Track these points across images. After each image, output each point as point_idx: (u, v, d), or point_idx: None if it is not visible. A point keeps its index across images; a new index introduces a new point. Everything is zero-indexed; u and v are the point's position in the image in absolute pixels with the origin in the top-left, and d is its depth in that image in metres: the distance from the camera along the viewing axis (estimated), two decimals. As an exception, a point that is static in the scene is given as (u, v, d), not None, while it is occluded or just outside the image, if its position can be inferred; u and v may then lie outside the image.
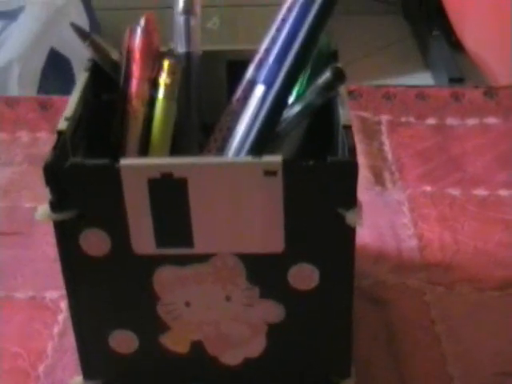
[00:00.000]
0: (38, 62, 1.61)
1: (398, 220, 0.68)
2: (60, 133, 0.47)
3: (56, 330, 0.59)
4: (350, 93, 0.83)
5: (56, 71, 1.61)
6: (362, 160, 0.74)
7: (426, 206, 0.69)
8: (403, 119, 0.80)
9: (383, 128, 0.79)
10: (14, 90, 1.53)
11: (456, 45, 1.96)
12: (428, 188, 0.71)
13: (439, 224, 0.67)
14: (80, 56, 1.68)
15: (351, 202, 0.44)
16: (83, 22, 1.74)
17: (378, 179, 0.72)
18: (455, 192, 0.71)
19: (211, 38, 0.72)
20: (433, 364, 0.55)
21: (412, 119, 0.80)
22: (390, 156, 0.75)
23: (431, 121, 0.80)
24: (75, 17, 1.70)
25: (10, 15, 1.70)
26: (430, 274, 0.62)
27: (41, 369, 0.56)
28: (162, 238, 0.46)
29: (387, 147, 0.77)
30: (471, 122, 0.80)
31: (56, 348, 0.57)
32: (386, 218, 0.68)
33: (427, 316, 0.59)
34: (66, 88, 1.62)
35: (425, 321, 0.58)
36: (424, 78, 2.02)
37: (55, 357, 0.56)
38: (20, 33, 1.64)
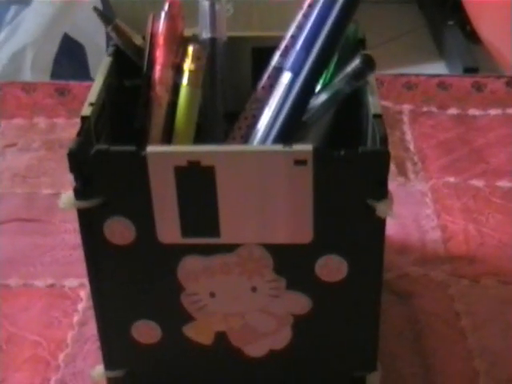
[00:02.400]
0: (52, 47, 1.60)
1: (421, 211, 0.67)
2: (84, 118, 0.46)
3: (76, 319, 0.58)
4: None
5: (69, 57, 1.60)
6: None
7: (449, 197, 0.68)
8: (425, 109, 0.79)
9: (405, 118, 0.78)
10: (26, 75, 1.52)
11: (471, 34, 1.95)
12: (451, 179, 0.70)
13: (463, 216, 0.66)
14: (93, 42, 1.67)
15: (382, 192, 0.43)
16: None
17: (401, 170, 0.71)
18: (479, 183, 0.69)
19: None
20: (458, 359, 0.54)
21: (434, 109, 0.79)
22: (412, 146, 0.74)
23: (453, 111, 0.79)
24: (88, 3, 1.69)
25: (24, 1, 1.69)
26: (454, 267, 0.61)
27: (61, 358, 0.55)
28: (187, 227, 0.45)
29: (409, 137, 0.76)
30: (493, 112, 0.79)
31: (76, 337, 0.56)
32: (409, 209, 0.67)
33: (451, 309, 0.58)
34: (79, 73, 1.61)
35: (449, 314, 0.57)
36: (438, 68, 2.00)
37: (75, 346, 0.56)
38: (33, 18, 1.63)
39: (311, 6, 0.51)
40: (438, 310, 0.58)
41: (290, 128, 0.49)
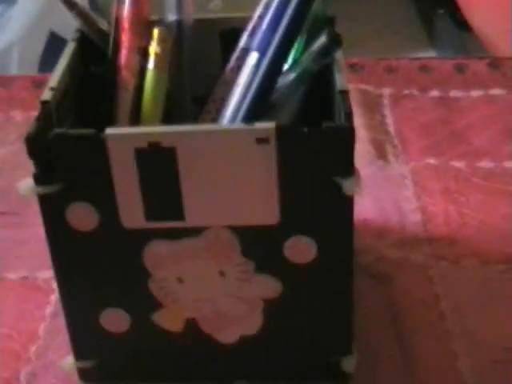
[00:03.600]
0: (38, 44, 1.60)
1: (400, 194, 0.66)
2: (44, 103, 0.45)
3: (48, 310, 0.57)
4: (352, 66, 0.81)
5: (56, 54, 1.59)
6: (363, 134, 0.71)
7: (429, 178, 0.67)
8: (406, 92, 0.78)
9: (385, 101, 0.77)
10: (13, 73, 1.52)
11: (461, 23, 1.93)
12: (432, 161, 0.69)
13: (443, 197, 0.65)
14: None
15: (348, 170, 0.42)
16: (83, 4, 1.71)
17: (380, 153, 0.70)
18: (460, 164, 0.68)
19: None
20: (437, 341, 0.53)
21: (415, 92, 0.78)
22: (392, 129, 0.73)
23: (435, 93, 0.78)
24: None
25: (10, -1, 1.68)
26: (434, 248, 0.60)
27: (32, 350, 0.54)
28: (151, 211, 0.44)
29: (389, 120, 0.74)
30: (476, 93, 0.78)
31: (48, 329, 0.55)
32: (389, 191, 0.66)
33: (431, 291, 0.57)
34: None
35: (429, 296, 0.56)
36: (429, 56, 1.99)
37: (47, 338, 0.55)
38: (20, 16, 1.63)
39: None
40: (417, 292, 0.57)
41: (258, 108, 0.48)
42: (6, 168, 0.72)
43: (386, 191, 0.66)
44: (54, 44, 1.62)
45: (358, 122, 0.72)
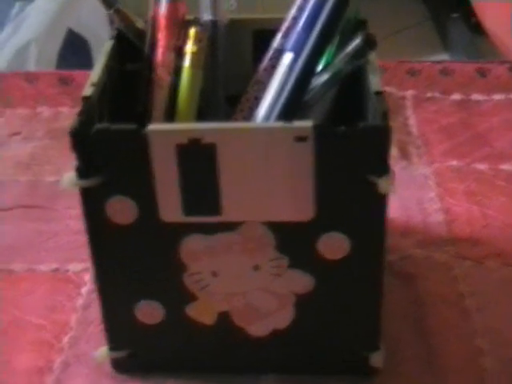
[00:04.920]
0: (56, 42, 1.61)
1: (424, 194, 0.67)
2: (86, 98, 0.46)
3: (80, 302, 0.58)
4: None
5: (73, 52, 1.61)
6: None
7: (452, 180, 0.68)
8: (428, 94, 0.79)
9: (408, 103, 0.78)
10: (31, 70, 1.53)
11: (475, 27, 1.94)
12: (454, 163, 0.70)
13: (466, 198, 0.66)
14: (97, 36, 1.67)
15: (383, 168, 0.43)
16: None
17: (404, 154, 0.71)
18: (482, 167, 0.69)
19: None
20: (462, 339, 0.54)
21: (437, 94, 0.79)
22: (415, 131, 0.74)
23: (456, 96, 0.79)
24: (93, -2, 1.69)
25: (28, -4, 1.69)
26: (457, 249, 0.61)
27: (65, 340, 0.55)
28: (189, 206, 0.45)
29: (412, 122, 0.75)
30: (497, 97, 0.79)
31: (80, 320, 0.57)
32: (412, 192, 0.67)
33: (455, 290, 0.58)
34: (83, 68, 1.61)
35: (453, 295, 0.57)
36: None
37: (79, 329, 0.56)
38: (37, 14, 1.64)
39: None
40: (442, 291, 0.58)
41: (292, 108, 0.49)
42: (34, 163, 0.73)
43: (409, 191, 0.67)
44: (72, 42, 1.64)
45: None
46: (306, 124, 0.42)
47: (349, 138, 0.43)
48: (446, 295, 0.58)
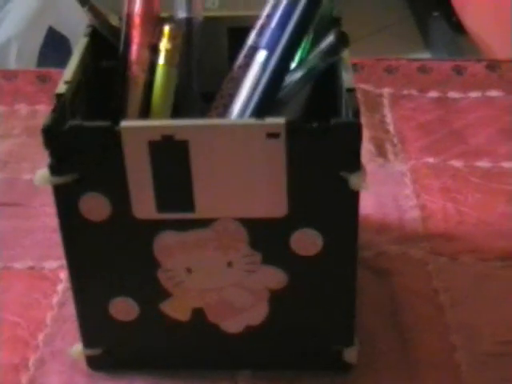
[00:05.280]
0: (36, 40, 1.60)
1: (400, 191, 0.67)
2: (59, 96, 0.46)
3: (55, 299, 0.58)
4: (352, 66, 0.82)
5: (54, 49, 1.60)
6: (364, 132, 0.72)
7: (428, 177, 0.68)
8: (405, 92, 0.80)
9: (385, 101, 0.78)
10: (12, 68, 1.52)
11: (456, 25, 1.95)
12: (430, 160, 0.70)
13: (442, 195, 0.66)
14: (78, 34, 1.67)
15: (355, 164, 0.43)
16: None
17: (380, 151, 0.71)
18: (458, 164, 0.70)
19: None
20: (436, 334, 0.55)
21: (414, 92, 0.80)
22: (392, 128, 0.75)
23: (433, 94, 0.79)
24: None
25: (8, -6, 1.68)
26: (432, 245, 0.62)
27: (40, 338, 0.55)
28: (162, 202, 0.45)
29: (389, 119, 0.76)
30: (474, 94, 0.79)
31: (55, 317, 0.57)
32: (388, 189, 0.67)
33: (430, 286, 0.58)
34: (64, 66, 1.61)
35: (428, 291, 0.58)
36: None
37: (54, 326, 0.56)
38: (18, 11, 1.63)
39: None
40: (417, 286, 0.58)
41: (266, 105, 0.49)
42: (12, 160, 0.73)
43: (385, 188, 0.67)
44: (53, 39, 1.63)
45: (359, 118, 0.73)
46: (278, 120, 0.43)
47: (321, 135, 0.43)
48: (420, 291, 0.58)
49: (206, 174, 0.44)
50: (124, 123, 0.43)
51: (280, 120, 0.43)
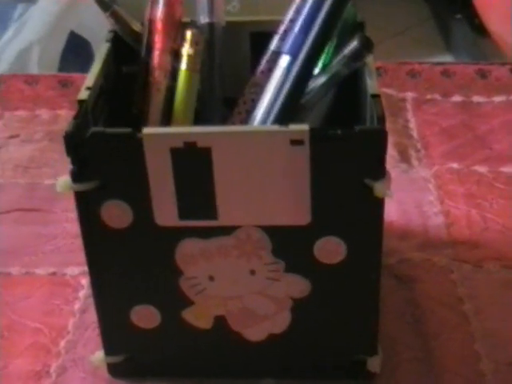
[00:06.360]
0: (58, 44, 1.61)
1: (424, 197, 0.66)
2: (81, 102, 0.46)
3: (77, 306, 0.58)
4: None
5: (76, 53, 1.60)
6: (386, 137, 0.72)
7: (452, 183, 0.68)
8: (428, 96, 0.79)
9: (408, 105, 0.78)
10: (33, 72, 1.53)
11: (478, 28, 1.93)
12: (454, 165, 0.70)
13: (466, 201, 0.66)
14: (99, 38, 1.67)
15: (380, 172, 0.43)
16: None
17: (404, 157, 0.71)
18: (482, 169, 0.69)
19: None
20: (460, 343, 0.54)
21: (437, 96, 0.79)
22: (415, 133, 0.74)
23: (457, 98, 0.79)
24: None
25: (31, -2, 1.69)
26: (456, 252, 0.61)
27: (62, 344, 0.55)
28: (185, 210, 0.45)
29: (412, 124, 0.75)
30: (498, 99, 0.78)
31: (77, 324, 0.56)
32: (412, 195, 0.67)
33: (454, 294, 0.58)
34: (85, 70, 1.61)
35: (452, 299, 0.57)
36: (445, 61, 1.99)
37: (76, 333, 0.56)
38: (40, 15, 1.64)
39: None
40: (440, 294, 0.57)
41: (289, 111, 0.49)
42: (33, 166, 0.73)
43: (409, 194, 0.67)
44: (74, 44, 1.63)
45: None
46: (301, 127, 0.42)
47: (345, 142, 0.42)
48: (444, 298, 0.57)
49: (228, 181, 0.44)
50: (146, 130, 0.43)
51: (304, 127, 0.42)
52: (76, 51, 1.63)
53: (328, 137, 0.42)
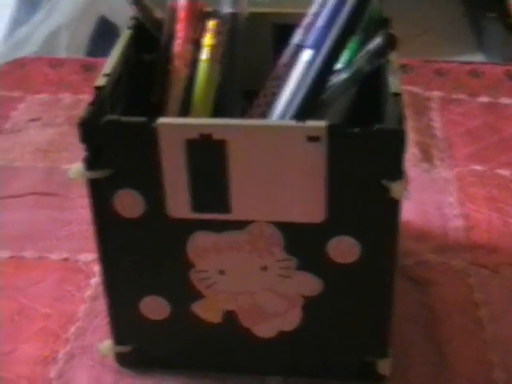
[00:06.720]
0: (87, 28, 1.60)
1: (444, 198, 0.65)
2: (98, 88, 0.45)
3: (88, 293, 0.58)
4: (401, 67, 0.80)
5: (104, 38, 1.60)
6: (410, 136, 0.71)
7: (474, 185, 0.67)
8: (454, 96, 0.78)
9: (433, 104, 0.77)
10: (62, 55, 1.53)
11: (511, 27, 1.91)
12: (477, 167, 0.68)
13: (487, 205, 0.64)
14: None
15: (397, 173, 0.42)
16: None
17: (426, 156, 0.70)
18: (505, 173, 0.68)
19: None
20: (473, 349, 0.53)
21: (464, 96, 0.78)
22: (439, 133, 0.73)
23: (484, 99, 0.77)
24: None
25: (61, -19, 1.69)
26: (475, 256, 0.60)
27: (71, 331, 0.55)
28: (198, 202, 0.44)
29: (437, 124, 0.74)
30: (525, 101, 0.77)
31: (87, 311, 0.56)
32: (432, 195, 0.66)
33: (470, 299, 0.57)
34: (112, 55, 1.61)
35: (467, 303, 0.56)
36: (477, 60, 1.97)
37: (86, 320, 0.55)
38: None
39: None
40: (456, 298, 0.57)
41: (309, 106, 0.48)
42: (52, 149, 0.73)
43: (429, 195, 0.66)
44: (103, 28, 1.63)
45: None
46: (319, 124, 0.41)
47: (362, 140, 0.41)
48: (459, 303, 0.56)
49: (243, 175, 0.43)
50: (161, 120, 0.42)
51: (321, 123, 0.41)
52: (105, 36, 1.62)
53: (345, 134, 0.41)
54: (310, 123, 0.42)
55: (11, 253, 0.61)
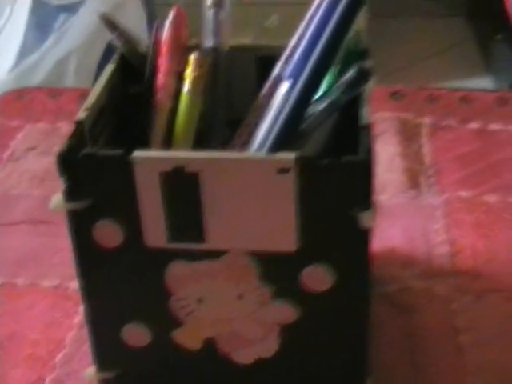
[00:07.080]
0: (96, 54, 1.63)
1: (430, 225, 0.66)
2: (78, 123, 0.47)
3: (76, 320, 0.59)
4: (393, 94, 0.82)
5: (112, 64, 1.63)
6: (398, 162, 0.72)
7: (460, 211, 0.67)
8: (445, 122, 0.78)
9: (424, 131, 0.77)
10: (70, 81, 1.55)
11: (520, 50, 1.91)
12: (464, 193, 0.69)
13: (473, 231, 0.65)
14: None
15: (366, 203, 0.43)
16: (141, 17, 1.74)
17: (414, 183, 0.71)
18: (492, 199, 0.68)
19: (268, 37, 0.69)
20: (453, 375, 0.54)
21: (454, 123, 0.78)
22: (427, 159, 0.74)
23: (474, 125, 0.78)
24: (133, 12, 1.71)
25: (72, 8, 1.72)
26: (459, 282, 0.60)
27: (58, 358, 0.56)
28: (173, 233, 0.45)
29: (426, 150, 0.75)
30: (515, 127, 0.78)
31: (75, 338, 0.57)
32: (419, 222, 0.66)
33: (452, 325, 0.57)
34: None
35: (448, 330, 0.57)
36: (484, 83, 1.98)
37: (73, 347, 0.57)
38: (79, 26, 1.66)
39: (312, 18, 0.51)
40: (439, 324, 0.57)
41: (286, 136, 0.49)
42: (49, 178, 0.74)
43: (416, 222, 0.66)
44: (111, 54, 1.66)
45: (394, 150, 0.72)
46: (288, 156, 0.43)
47: (331, 171, 0.43)
48: (442, 329, 0.57)
49: (216, 206, 0.44)
50: (136, 153, 0.43)
51: (290, 155, 0.43)
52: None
53: (314, 166, 0.42)
54: (280, 155, 0.43)
55: (4, 279, 0.63)
